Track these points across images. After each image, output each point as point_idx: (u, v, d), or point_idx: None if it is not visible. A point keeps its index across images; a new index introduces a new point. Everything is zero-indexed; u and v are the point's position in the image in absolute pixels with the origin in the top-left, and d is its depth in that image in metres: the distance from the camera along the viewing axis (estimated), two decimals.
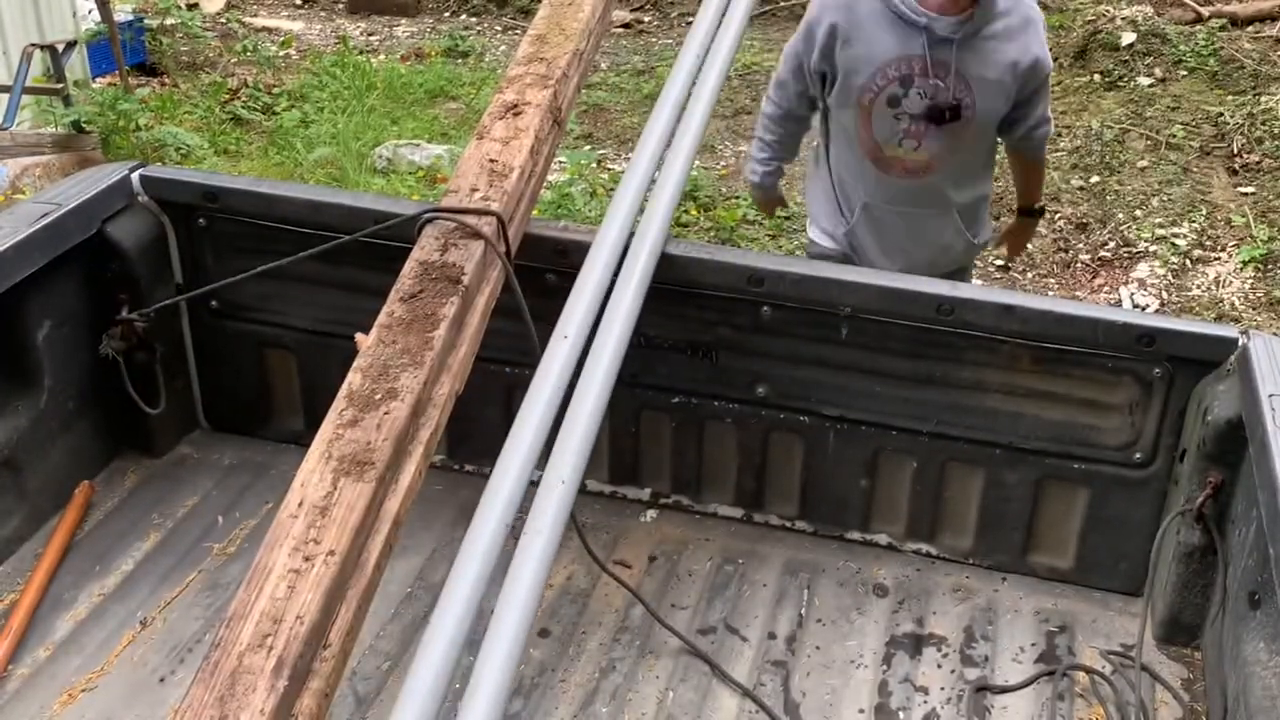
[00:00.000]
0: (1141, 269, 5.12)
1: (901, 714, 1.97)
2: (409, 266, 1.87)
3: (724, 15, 2.57)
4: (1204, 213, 5.49)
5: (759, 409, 2.27)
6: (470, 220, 1.92)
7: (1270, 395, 1.81)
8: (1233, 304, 4.88)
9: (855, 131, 2.79)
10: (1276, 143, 5.96)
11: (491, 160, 2.03)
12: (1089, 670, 2.06)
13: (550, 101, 2.16)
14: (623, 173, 2.21)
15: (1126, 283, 5.05)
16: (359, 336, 1.81)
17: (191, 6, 8.39)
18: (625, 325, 1.96)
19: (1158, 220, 5.38)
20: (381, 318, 1.78)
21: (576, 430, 1.79)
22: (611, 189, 5.80)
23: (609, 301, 1.99)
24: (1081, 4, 7.39)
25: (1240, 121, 6.13)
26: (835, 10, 2.77)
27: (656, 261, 2.09)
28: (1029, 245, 3.97)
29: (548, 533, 1.65)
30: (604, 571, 2.18)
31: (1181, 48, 6.84)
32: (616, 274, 2.04)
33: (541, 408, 1.81)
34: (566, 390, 1.85)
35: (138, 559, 2.25)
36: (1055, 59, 7.04)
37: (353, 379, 1.69)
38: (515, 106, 2.13)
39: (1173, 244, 5.26)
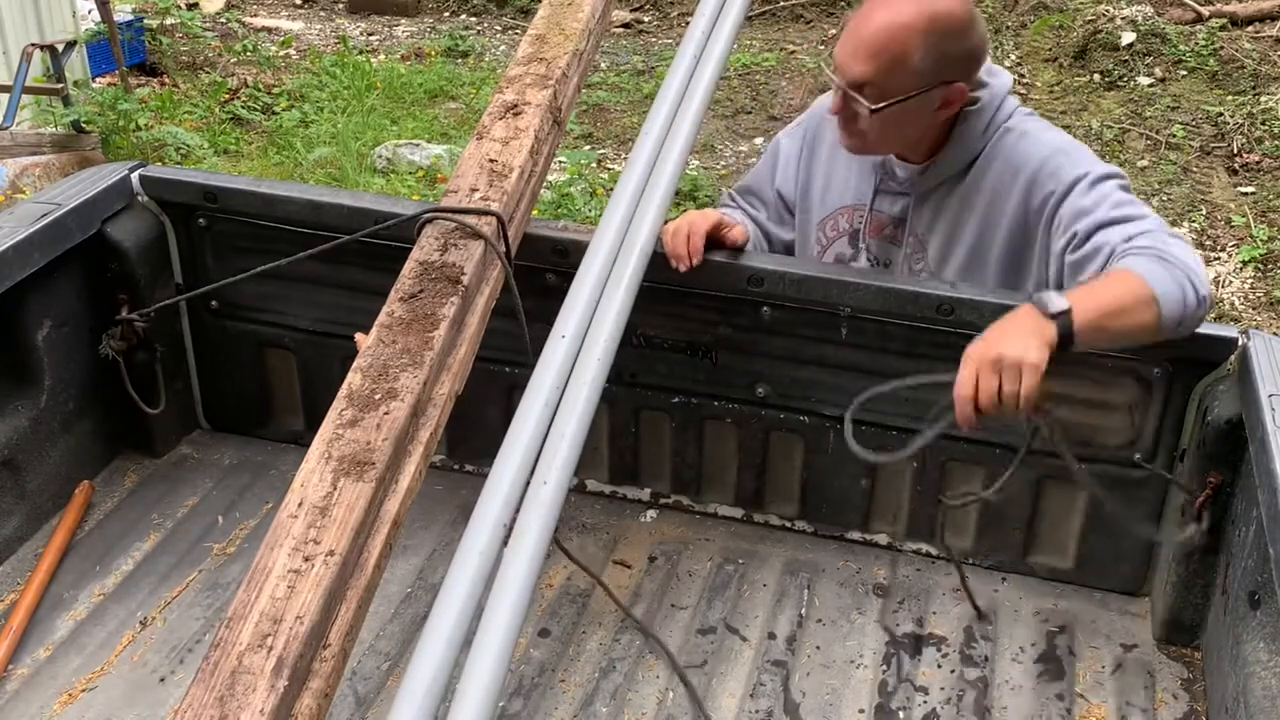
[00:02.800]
0: None
1: (901, 714, 1.97)
2: (409, 266, 1.87)
3: (720, 14, 2.56)
4: (1204, 213, 5.50)
5: (759, 409, 2.28)
6: (470, 220, 1.92)
7: (1270, 395, 1.81)
8: (1233, 304, 4.88)
9: None
10: (1276, 143, 5.97)
11: (491, 160, 2.03)
12: (1089, 670, 2.06)
13: (550, 101, 2.16)
14: (621, 173, 2.21)
15: None
16: (359, 336, 1.81)
17: (191, 6, 8.40)
18: (615, 325, 1.96)
19: None
20: (381, 318, 1.78)
21: (565, 430, 1.79)
22: (611, 189, 5.79)
23: (600, 301, 1.99)
24: (1081, 4, 7.40)
25: (1240, 121, 6.14)
26: (802, 128, 2.29)
27: (647, 260, 2.08)
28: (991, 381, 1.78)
29: (535, 531, 1.65)
30: (584, 571, 2.17)
31: (1181, 47, 6.85)
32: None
33: (539, 408, 1.81)
34: (563, 390, 1.85)
35: (138, 559, 2.25)
36: (1055, 59, 7.10)
37: (352, 379, 1.69)
38: (515, 106, 2.13)
39: None
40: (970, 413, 1.77)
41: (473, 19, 9.11)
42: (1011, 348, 1.74)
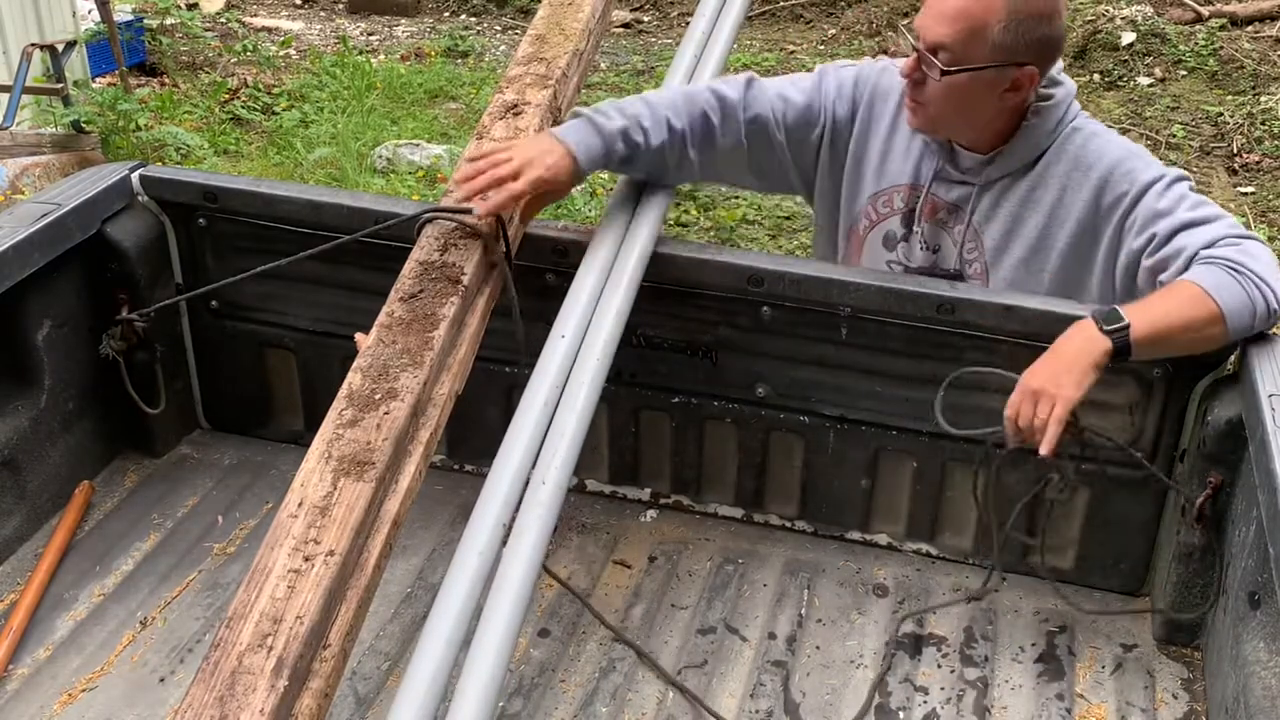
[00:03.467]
0: None
1: (901, 714, 1.97)
2: (409, 266, 1.87)
3: (719, 14, 2.56)
4: None
5: (759, 409, 2.27)
6: (470, 220, 1.92)
7: (1270, 395, 1.81)
8: None
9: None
10: (1276, 143, 5.97)
11: None
12: (1089, 670, 2.06)
13: (550, 101, 2.16)
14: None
15: None
16: (359, 336, 1.81)
17: (191, 6, 8.39)
18: (615, 324, 1.96)
19: None
20: (381, 318, 1.78)
21: (565, 429, 1.79)
22: (611, 189, 5.80)
23: (600, 301, 1.99)
24: (1081, 4, 7.40)
25: (1240, 121, 6.14)
26: (854, 77, 2.20)
27: (648, 260, 2.09)
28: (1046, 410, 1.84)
29: (534, 531, 1.66)
30: (575, 585, 2.17)
31: (1181, 48, 6.85)
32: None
33: (538, 408, 1.81)
34: (563, 389, 1.85)
35: (138, 559, 2.25)
36: None
37: (352, 379, 1.69)
38: (515, 106, 2.13)
39: None
40: (1013, 432, 1.90)
41: (473, 19, 9.11)
42: (1051, 381, 1.85)
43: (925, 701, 2.00)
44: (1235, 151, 5.96)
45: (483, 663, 1.51)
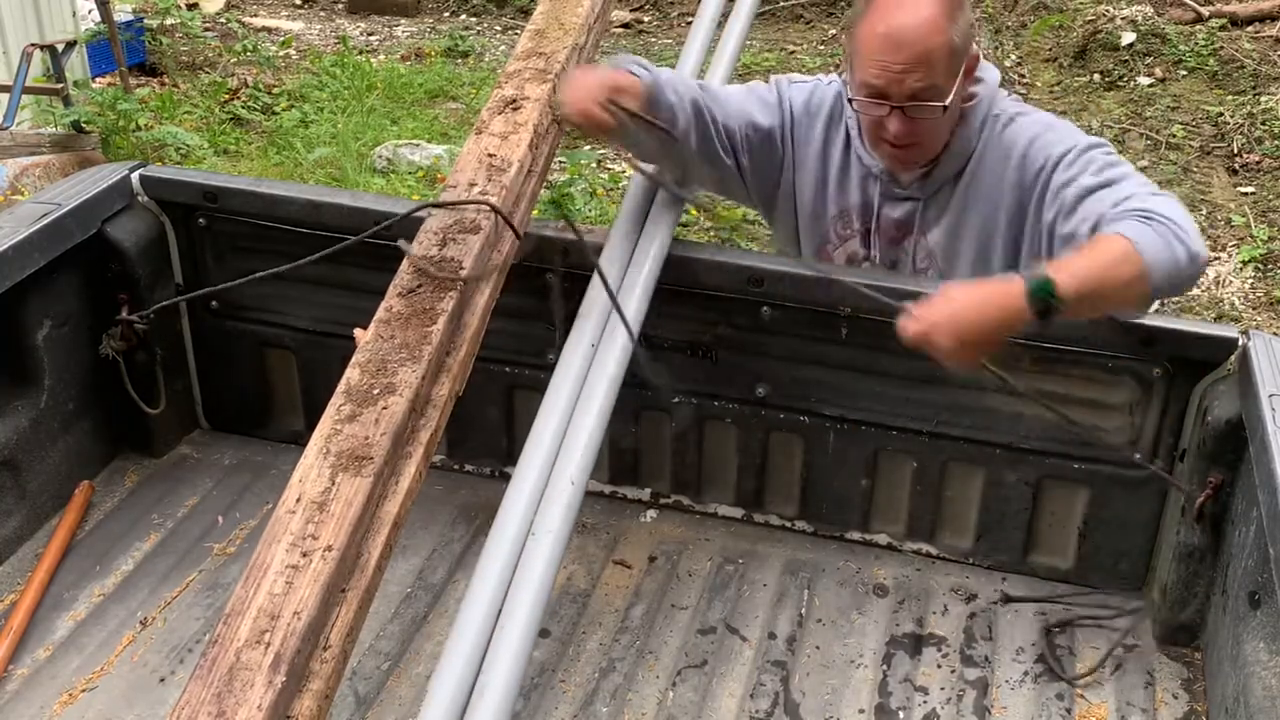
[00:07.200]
0: None
1: (901, 714, 1.97)
2: (407, 262, 1.86)
3: (725, 15, 2.56)
4: (1204, 213, 5.49)
5: (759, 409, 2.27)
6: (468, 214, 1.92)
7: (1270, 395, 1.81)
8: (1233, 304, 4.87)
9: None
10: (1276, 143, 5.96)
11: (490, 155, 2.02)
12: (1090, 669, 2.06)
13: (549, 96, 2.15)
14: (623, 172, 2.21)
15: None
16: (358, 331, 1.81)
17: (191, 6, 8.39)
18: (632, 326, 1.95)
19: None
20: (380, 313, 1.78)
21: (584, 431, 1.79)
22: (611, 189, 5.79)
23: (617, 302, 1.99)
24: (1081, 4, 7.40)
25: (1240, 121, 6.13)
26: (811, 96, 2.21)
27: (662, 262, 2.09)
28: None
29: (557, 532, 1.66)
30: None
31: (1181, 47, 6.85)
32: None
33: (559, 412, 1.81)
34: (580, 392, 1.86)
35: (138, 559, 2.25)
36: (1055, 59, 7.09)
37: (351, 374, 1.69)
38: (514, 101, 2.12)
39: None
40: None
41: (473, 19, 9.11)
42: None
43: (925, 701, 1.99)
44: (1235, 151, 5.95)
45: (504, 660, 1.52)
